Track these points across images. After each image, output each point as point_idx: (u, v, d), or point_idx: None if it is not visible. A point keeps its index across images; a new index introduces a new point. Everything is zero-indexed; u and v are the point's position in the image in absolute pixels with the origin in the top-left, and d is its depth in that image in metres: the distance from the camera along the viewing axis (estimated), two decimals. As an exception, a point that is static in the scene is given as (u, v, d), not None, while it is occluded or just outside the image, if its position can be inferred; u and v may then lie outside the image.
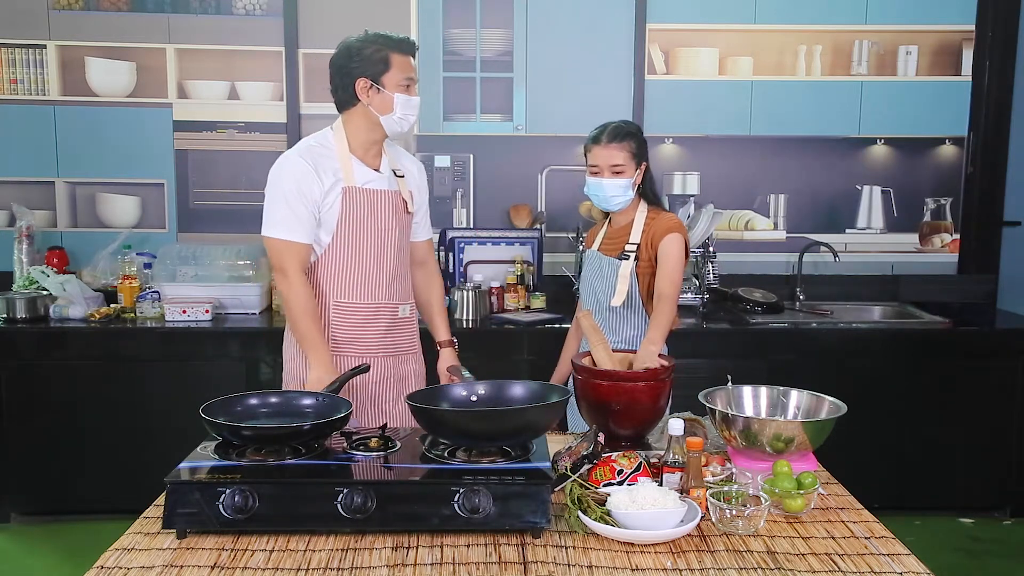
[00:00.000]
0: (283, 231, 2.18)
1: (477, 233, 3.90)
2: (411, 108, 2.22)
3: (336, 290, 2.26)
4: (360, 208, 2.23)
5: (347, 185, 2.21)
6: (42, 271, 3.61)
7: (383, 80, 2.19)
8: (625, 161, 2.43)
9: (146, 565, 1.47)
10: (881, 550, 1.57)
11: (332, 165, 2.21)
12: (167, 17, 3.84)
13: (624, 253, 2.47)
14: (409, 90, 2.22)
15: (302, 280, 2.19)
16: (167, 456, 1.83)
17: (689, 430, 1.87)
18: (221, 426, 1.68)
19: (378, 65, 2.18)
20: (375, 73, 2.18)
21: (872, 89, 3.97)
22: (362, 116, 2.23)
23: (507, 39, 3.91)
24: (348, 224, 2.22)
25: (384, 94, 2.19)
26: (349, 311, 2.27)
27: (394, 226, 2.30)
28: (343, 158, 2.23)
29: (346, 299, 2.26)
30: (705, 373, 2.41)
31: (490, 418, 1.73)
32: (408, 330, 2.40)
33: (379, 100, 2.20)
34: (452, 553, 1.52)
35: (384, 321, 2.31)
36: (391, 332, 2.33)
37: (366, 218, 2.24)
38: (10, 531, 3.46)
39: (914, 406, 3.52)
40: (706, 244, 3.80)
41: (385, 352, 2.32)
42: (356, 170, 2.24)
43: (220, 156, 3.91)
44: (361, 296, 2.27)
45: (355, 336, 2.28)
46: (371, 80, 2.18)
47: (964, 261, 4.08)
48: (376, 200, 2.25)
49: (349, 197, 2.21)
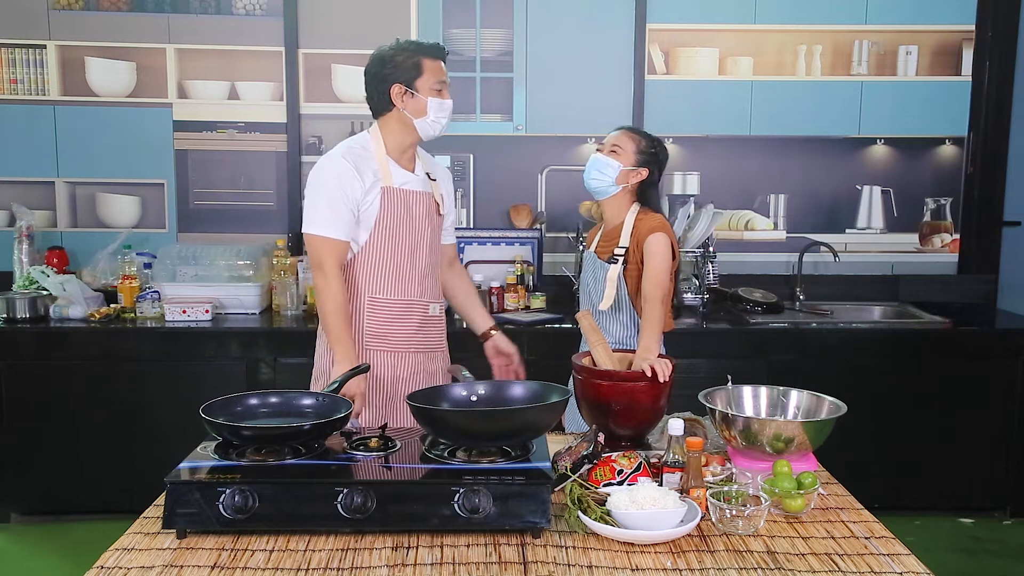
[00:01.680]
0: (323, 228, 2.23)
1: (477, 233, 3.90)
2: (444, 111, 2.29)
3: (372, 286, 2.31)
4: (397, 207, 2.29)
5: (386, 185, 2.27)
6: (42, 271, 3.60)
7: (416, 85, 2.25)
8: (626, 147, 2.45)
9: (146, 565, 1.47)
10: (881, 550, 1.57)
11: (371, 166, 2.27)
12: (167, 17, 3.84)
13: (613, 256, 2.47)
14: (441, 94, 2.28)
15: (338, 277, 2.24)
16: (167, 456, 1.83)
17: (689, 430, 1.87)
18: (221, 426, 1.68)
19: (411, 71, 2.25)
20: (408, 79, 2.25)
21: (872, 89, 3.97)
22: (397, 121, 2.29)
23: (507, 39, 3.91)
24: (386, 222, 2.28)
25: (418, 98, 2.26)
26: (383, 307, 2.32)
27: (427, 226, 2.36)
28: (381, 160, 2.29)
29: (381, 295, 2.31)
30: (705, 373, 2.41)
31: (490, 418, 1.73)
32: (437, 328, 2.46)
33: (413, 104, 2.26)
34: (452, 553, 1.52)
35: (416, 318, 2.37)
36: (422, 329, 2.39)
37: (402, 217, 2.30)
38: (10, 531, 3.46)
39: (914, 406, 3.52)
40: (706, 244, 3.80)
41: (416, 348, 2.38)
42: (394, 171, 2.31)
43: (220, 156, 3.91)
44: (395, 292, 2.33)
45: (388, 332, 2.33)
46: (405, 85, 2.25)
47: (964, 261, 4.08)
48: (412, 200, 2.32)
49: (387, 197, 2.27)
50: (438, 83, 2.27)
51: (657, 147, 2.50)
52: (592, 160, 2.49)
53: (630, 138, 2.47)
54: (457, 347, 2.91)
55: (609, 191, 2.47)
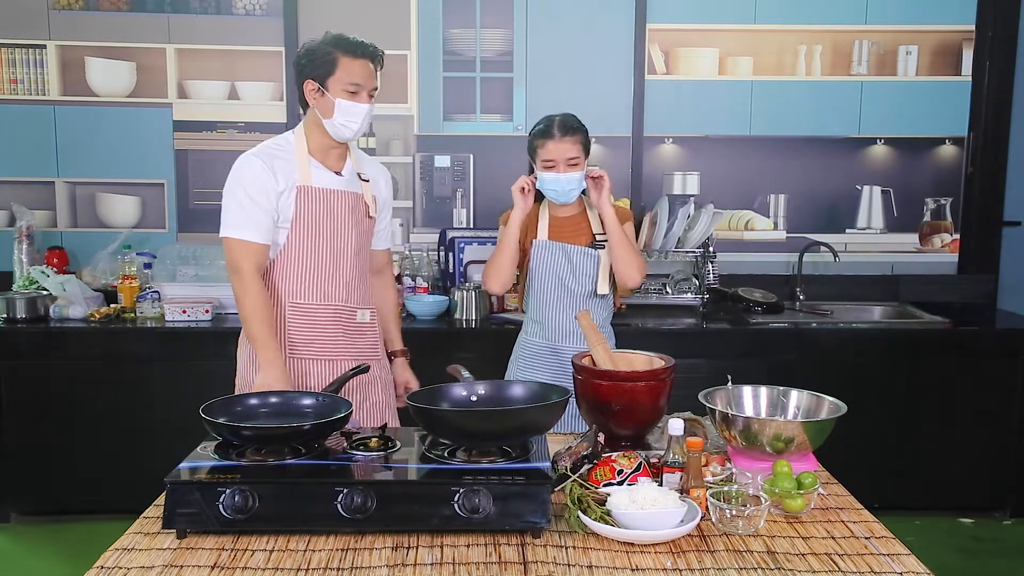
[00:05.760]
0: (238, 231, 2.16)
1: (477, 233, 3.90)
2: (354, 115, 2.18)
3: (292, 290, 2.23)
4: (315, 207, 2.21)
5: (302, 184, 2.20)
6: (42, 271, 3.60)
7: (328, 83, 2.17)
8: (579, 153, 2.49)
9: (146, 565, 1.47)
10: (881, 550, 1.57)
11: (289, 165, 2.20)
12: (167, 17, 3.84)
13: (597, 243, 2.54)
14: (356, 96, 2.18)
15: (257, 281, 2.16)
16: (167, 456, 1.82)
17: (689, 430, 1.87)
18: (221, 426, 1.68)
19: (325, 67, 2.17)
20: (321, 75, 2.17)
21: (872, 89, 3.97)
22: (313, 118, 2.23)
23: (507, 39, 3.91)
24: (303, 223, 2.21)
25: (327, 97, 2.18)
26: (305, 312, 2.25)
27: (351, 227, 2.27)
28: (301, 158, 2.22)
29: (302, 299, 2.24)
30: (705, 373, 2.41)
31: (490, 418, 1.73)
32: (370, 336, 2.37)
33: (323, 103, 2.19)
34: (452, 553, 1.52)
35: (342, 324, 2.29)
36: (350, 336, 2.31)
37: (321, 218, 2.22)
38: (10, 531, 3.46)
39: (914, 406, 3.52)
40: (706, 244, 3.80)
41: (345, 357, 2.29)
42: (314, 170, 2.23)
43: (220, 156, 3.91)
44: (317, 297, 2.25)
45: (312, 338, 2.26)
46: (316, 82, 2.18)
47: (964, 261, 4.08)
48: (332, 200, 2.24)
49: (303, 196, 2.20)
50: (352, 84, 2.16)
51: (581, 126, 2.53)
52: (557, 181, 2.48)
53: (573, 141, 2.47)
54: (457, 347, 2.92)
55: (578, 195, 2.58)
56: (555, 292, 2.58)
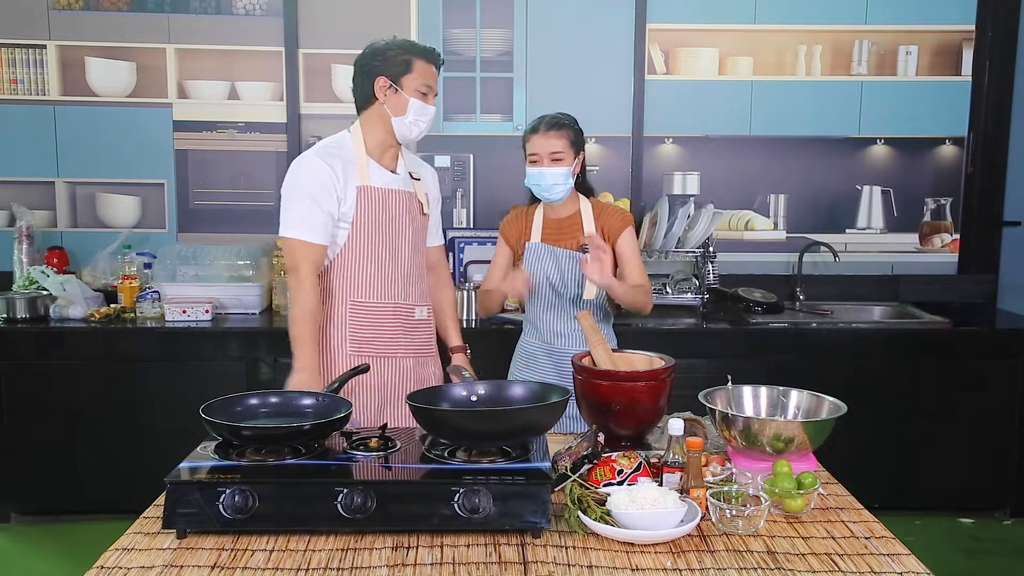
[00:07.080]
0: (298, 231, 2.19)
1: (477, 233, 3.90)
2: (425, 115, 2.26)
3: (352, 289, 2.27)
4: (374, 207, 2.25)
5: (362, 184, 2.23)
6: (42, 271, 3.60)
7: (402, 81, 2.22)
8: (564, 149, 2.46)
9: (146, 565, 1.47)
10: (881, 550, 1.57)
11: (348, 165, 2.23)
12: (167, 17, 3.84)
13: (584, 248, 2.49)
14: (426, 98, 2.25)
15: (312, 282, 2.20)
16: (167, 456, 1.83)
17: (689, 430, 1.87)
18: (221, 426, 1.68)
19: (400, 67, 2.22)
20: (395, 73, 2.22)
21: (872, 89, 3.97)
22: (378, 116, 2.26)
23: (507, 39, 3.91)
24: (363, 223, 2.24)
25: (400, 95, 2.22)
26: (366, 310, 2.28)
27: (408, 225, 2.32)
28: (359, 158, 2.25)
29: (363, 298, 2.27)
30: (705, 373, 2.41)
31: (490, 418, 1.73)
32: (426, 332, 2.41)
33: (395, 101, 2.23)
34: (452, 553, 1.52)
35: (401, 321, 2.32)
36: (409, 333, 2.35)
37: (380, 217, 2.26)
38: (10, 531, 3.46)
39: (914, 406, 3.52)
40: (706, 244, 3.80)
41: (404, 353, 2.34)
42: (372, 171, 2.26)
43: (220, 156, 3.91)
44: (377, 295, 2.28)
45: (373, 336, 2.29)
46: (390, 80, 2.22)
47: (964, 261, 4.08)
48: (390, 199, 2.28)
49: (364, 196, 2.23)
50: (424, 85, 2.23)
51: (572, 123, 2.50)
52: (540, 175, 2.46)
53: (558, 136, 2.45)
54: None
55: (568, 192, 2.51)
56: (547, 295, 2.59)
